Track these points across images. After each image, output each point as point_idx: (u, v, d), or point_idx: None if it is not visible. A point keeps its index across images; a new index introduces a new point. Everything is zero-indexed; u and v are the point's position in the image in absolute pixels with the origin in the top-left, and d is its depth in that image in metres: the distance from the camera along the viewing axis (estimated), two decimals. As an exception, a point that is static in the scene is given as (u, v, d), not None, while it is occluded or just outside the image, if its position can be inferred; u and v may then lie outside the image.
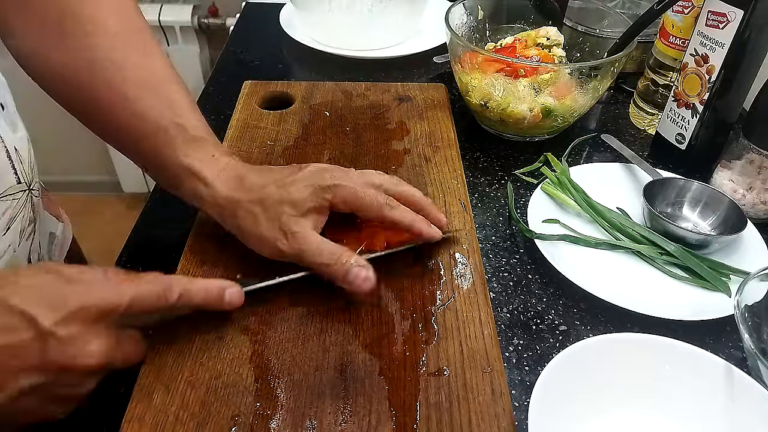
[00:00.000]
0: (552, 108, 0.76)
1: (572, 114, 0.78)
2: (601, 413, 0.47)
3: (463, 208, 0.67)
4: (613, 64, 0.74)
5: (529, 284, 0.62)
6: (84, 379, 0.40)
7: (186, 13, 1.64)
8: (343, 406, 0.47)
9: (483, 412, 0.47)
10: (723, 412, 0.46)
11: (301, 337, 0.52)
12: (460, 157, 0.76)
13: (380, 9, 1.03)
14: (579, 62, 0.87)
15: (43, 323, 0.36)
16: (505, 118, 0.78)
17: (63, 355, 0.37)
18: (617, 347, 0.48)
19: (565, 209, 0.70)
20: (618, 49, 0.76)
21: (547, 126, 0.79)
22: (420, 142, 0.77)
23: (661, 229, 0.64)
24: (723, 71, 0.68)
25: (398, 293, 0.56)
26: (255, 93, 0.84)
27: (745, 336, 0.48)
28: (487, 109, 0.78)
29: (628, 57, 0.76)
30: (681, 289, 0.61)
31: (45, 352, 0.36)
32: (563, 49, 0.88)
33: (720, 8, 0.66)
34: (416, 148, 0.75)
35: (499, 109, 0.77)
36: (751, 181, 0.69)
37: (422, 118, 0.82)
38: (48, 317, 0.36)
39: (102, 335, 0.39)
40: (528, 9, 0.99)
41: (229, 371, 0.49)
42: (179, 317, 0.51)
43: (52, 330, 0.36)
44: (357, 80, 0.93)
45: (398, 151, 0.75)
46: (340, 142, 0.73)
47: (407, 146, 0.76)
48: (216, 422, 0.46)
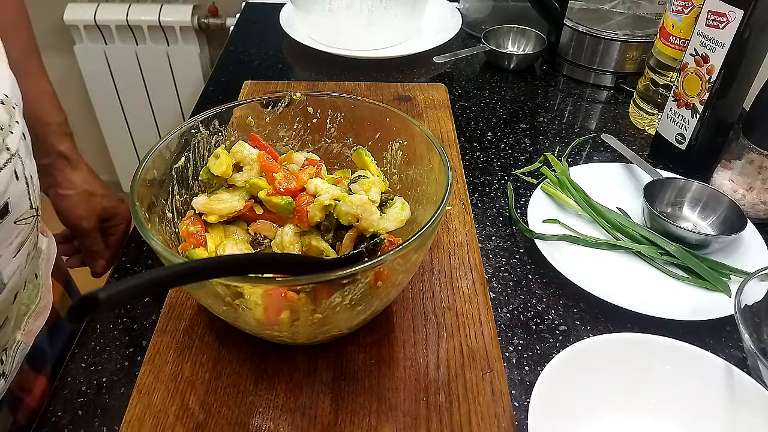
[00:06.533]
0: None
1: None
2: (600, 413, 0.47)
3: (463, 208, 0.67)
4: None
5: (529, 284, 0.62)
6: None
7: (186, 13, 1.64)
8: (343, 406, 0.47)
9: (483, 412, 0.47)
10: (723, 411, 0.46)
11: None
12: (460, 157, 0.76)
13: (380, 9, 1.03)
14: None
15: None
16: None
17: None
18: (617, 347, 0.48)
19: (565, 209, 0.70)
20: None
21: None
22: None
23: (661, 229, 0.64)
24: (723, 71, 0.68)
25: (398, 293, 0.56)
26: (255, 93, 0.84)
27: (745, 336, 0.48)
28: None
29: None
30: (681, 289, 0.61)
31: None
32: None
33: (720, 8, 0.66)
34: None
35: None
36: (751, 181, 0.69)
37: (422, 118, 0.82)
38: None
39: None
40: (528, 9, 0.99)
41: (229, 371, 0.49)
42: (179, 317, 0.51)
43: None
44: (357, 80, 0.93)
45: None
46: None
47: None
48: (216, 422, 0.46)
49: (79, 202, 0.73)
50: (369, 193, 0.51)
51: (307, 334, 0.48)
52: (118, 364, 0.53)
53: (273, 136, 0.60)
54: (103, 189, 0.76)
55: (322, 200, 0.50)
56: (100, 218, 0.75)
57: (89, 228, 0.74)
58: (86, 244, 0.76)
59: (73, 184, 0.72)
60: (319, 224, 0.52)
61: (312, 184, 0.52)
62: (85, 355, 0.54)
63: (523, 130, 0.87)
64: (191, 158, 0.55)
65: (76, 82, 1.76)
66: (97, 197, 0.74)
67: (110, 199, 0.76)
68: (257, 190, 0.52)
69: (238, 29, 1.16)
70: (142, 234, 0.42)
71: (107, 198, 0.76)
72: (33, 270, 0.58)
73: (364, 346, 0.51)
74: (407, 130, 0.56)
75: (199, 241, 0.50)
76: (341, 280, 0.40)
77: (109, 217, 0.77)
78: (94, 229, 0.75)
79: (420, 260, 0.50)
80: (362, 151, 0.57)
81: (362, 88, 0.89)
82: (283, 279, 0.40)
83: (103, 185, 0.76)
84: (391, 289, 0.47)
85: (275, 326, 0.45)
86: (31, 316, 0.58)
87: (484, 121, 0.88)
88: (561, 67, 1.02)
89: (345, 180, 0.55)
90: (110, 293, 0.26)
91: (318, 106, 0.60)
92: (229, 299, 0.42)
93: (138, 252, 0.65)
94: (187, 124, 0.54)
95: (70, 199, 0.72)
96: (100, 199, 0.75)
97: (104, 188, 0.76)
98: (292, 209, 0.51)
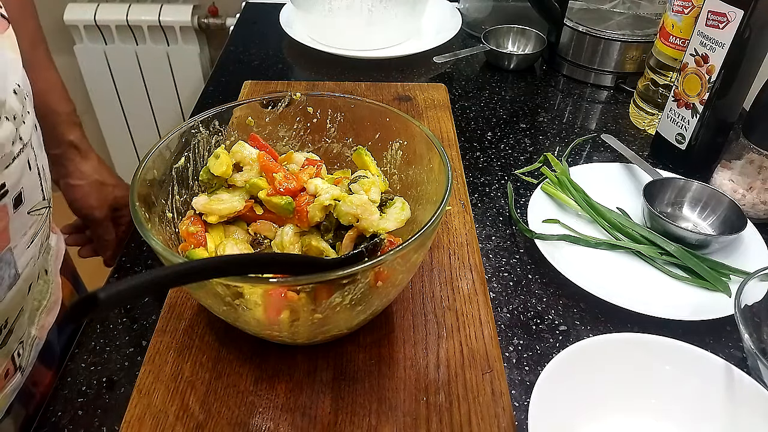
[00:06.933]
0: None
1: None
2: (600, 413, 0.47)
3: (463, 208, 0.67)
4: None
5: (529, 284, 0.62)
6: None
7: (186, 13, 1.64)
8: (343, 406, 0.47)
9: (483, 412, 0.47)
10: (723, 411, 0.46)
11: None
12: (460, 157, 0.76)
13: (380, 9, 1.03)
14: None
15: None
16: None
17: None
18: (617, 347, 0.48)
19: (565, 209, 0.70)
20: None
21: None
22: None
23: (661, 229, 0.64)
24: (723, 71, 0.68)
25: (398, 293, 0.56)
26: (255, 93, 0.84)
27: (745, 336, 0.48)
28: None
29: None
30: (681, 289, 0.61)
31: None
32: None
33: (720, 8, 0.66)
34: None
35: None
36: (751, 181, 0.69)
37: (422, 118, 0.82)
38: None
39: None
40: (528, 9, 0.99)
41: (229, 371, 0.49)
42: (179, 317, 0.51)
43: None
44: (357, 80, 0.93)
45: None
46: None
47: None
48: (216, 422, 0.46)
49: (90, 191, 0.74)
50: (369, 193, 0.51)
51: (307, 334, 0.48)
52: (118, 364, 0.53)
53: (273, 136, 0.60)
54: (114, 178, 0.76)
55: (322, 200, 0.50)
56: (111, 208, 0.76)
57: (101, 217, 0.75)
58: (98, 233, 0.77)
59: (84, 174, 0.73)
60: (319, 224, 0.52)
61: (312, 184, 0.52)
62: (85, 355, 0.54)
63: (523, 130, 0.87)
64: (191, 158, 0.55)
65: (76, 82, 1.76)
66: (108, 187, 0.75)
67: (121, 188, 0.77)
68: (257, 190, 0.52)
69: (238, 29, 1.16)
70: (142, 234, 0.42)
71: (118, 188, 0.77)
72: (44, 265, 0.59)
73: (364, 346, 0.51)
74: (407, 130, 0.56)
75: (199, 241, 0.50)
76: (341, 280, 0.40)
77: (120, 206, 0.77)
78: (105, 218, 0.76)
79: (420, 260, 0.50)
80: (362, 151, 0.57)
81: (362, 88, 0.89)
82: (283, 279, 0.40)
83: (113, 175, 0.77)
84: (391, 289, 0.47)
85: (275, 326, 0.45)
86: (43, 311, 0.59)
87: (484, 121, 0.88)
88: (561, 67, 1.02)
89: (345, 180, 0.55)
90: (110, 293, 0.26)
91: (318, 106, 0.60)
92: (229, 299, 0.42)
93: (138, 252, 0.65)
94: (187, 124, 0.54)
95: (81, 189, 0.73)
96: (111, 189, 0.75)
97: (115, 178, 0.76)
98: (292, 209, 0.51)
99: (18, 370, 0.53)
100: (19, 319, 0.52)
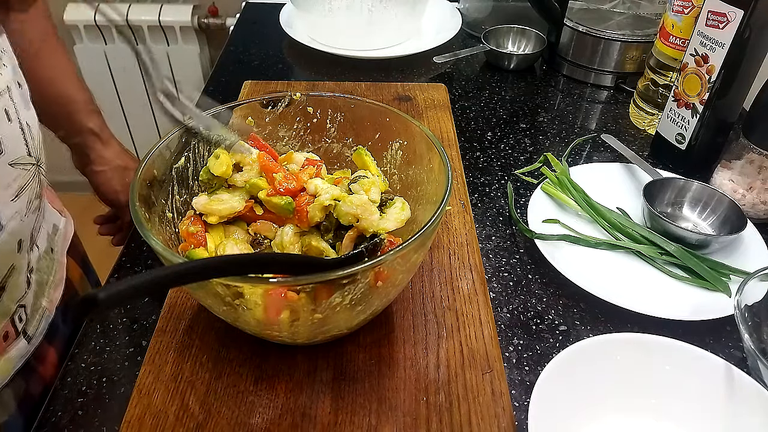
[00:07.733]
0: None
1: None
2: (600, 413, 0.47)
3: (463, 208, 0.67)
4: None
5: (529, 284, 0.62)
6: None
7: (186, 13, 1.64)
8: (343, 406, 0.47)
9: (483, 412, 0.47)
10: (723, 411, 0.46)
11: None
12: (460, 157, 0.76)
13: (380, 9, 1.03)
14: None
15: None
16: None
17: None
18: (617, 347, 0.48)
19: (565, 209, 0.70)
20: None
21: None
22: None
23: (661, 229, 0.64)
24: (723, 71, 0.68)
25: (398, 293, 0.56)
26: (255, 93, 0.84)
27: (745, 336, 0.48)
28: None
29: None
30: (681, 289, 0.61)
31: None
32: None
33: (720, 8, 0.66)
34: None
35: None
36: (751, 181, 0.69)
37: (422, 118, 0.82)
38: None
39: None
40: (528, 9, 0.99)
41: (229, 371, 0.49)
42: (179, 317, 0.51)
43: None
44: (357, 80, 0.93)
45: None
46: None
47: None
48: (216, 422, 0.46)
49: (113, 176, 0.75)
50: (369, 193, 0.51)
51: (307, 334, 0.48)
52: (118, 364, 0.53)
53: (273, 136, 0.60)
54: (136, 163, 0.77)
55: (322, 200, 0.50)
56: None
57: (127, 201, 0.76)
58: (127, 218, 0.78)
59: (106, 160, 0.74)
60: (319, 224, 0.52)
61: (312, 184, 0.52)
62: (85, 355, 0.54)
63: (523, 130, 0.87)
64: (191, 158, 0.55)
65: (76, 82, 1.76)
66: (130, 171, 0.76)
67: None
68: (257, 191, 0.52)
69: (238, 29, 1.16)
70: (142, 234, 0.42)
71: None
72: (50, 244, 0.61)
73: (364, 346, 0.51)
74: (407, 130, 0.56)
75: (199, 241, 0.50)
76: (341, 280, 0.40)
77: None
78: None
79: (420, 260, 0.50)
80: (362, 151, 0.57)
81: (362, 88, 0.89)
82: (283, 279, 0.40)
83: (135, 159, 0.78)
84: (391, 289, 0.47)
85: (275, 326, 0.45)
86: (50, 286, 0.60)
87: (484, 121, 0.88)
88: (561, 67, 1.02)
89: (345, 180, 0.55)
90: (110, 293, 0.26)
91: (318, 106, 0.60)
92: (229, 299, 0.42)
93: (138, 252, 0.65)
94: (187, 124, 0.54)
95: (104, 174, 0.75)
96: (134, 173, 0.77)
97: (137, 162, 0.77)
98: (292, 209, 0.51)
99: (22, 335, 0.54)
100: (11, 278, 0.52)
